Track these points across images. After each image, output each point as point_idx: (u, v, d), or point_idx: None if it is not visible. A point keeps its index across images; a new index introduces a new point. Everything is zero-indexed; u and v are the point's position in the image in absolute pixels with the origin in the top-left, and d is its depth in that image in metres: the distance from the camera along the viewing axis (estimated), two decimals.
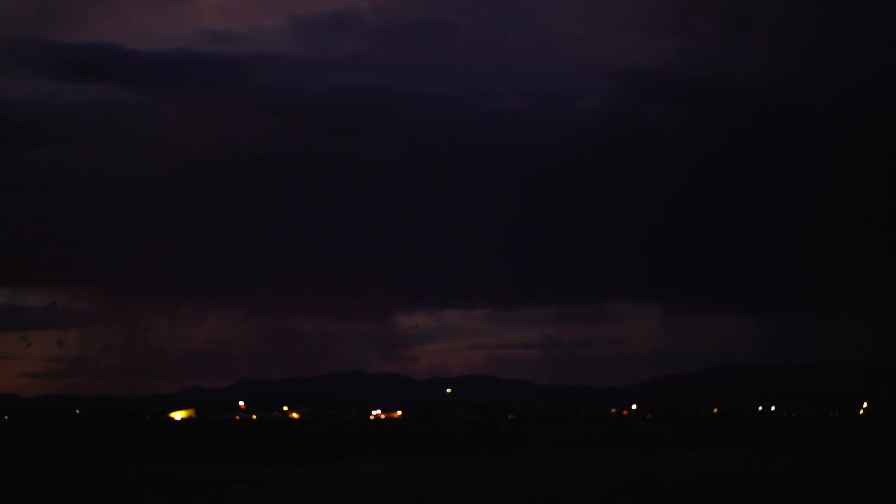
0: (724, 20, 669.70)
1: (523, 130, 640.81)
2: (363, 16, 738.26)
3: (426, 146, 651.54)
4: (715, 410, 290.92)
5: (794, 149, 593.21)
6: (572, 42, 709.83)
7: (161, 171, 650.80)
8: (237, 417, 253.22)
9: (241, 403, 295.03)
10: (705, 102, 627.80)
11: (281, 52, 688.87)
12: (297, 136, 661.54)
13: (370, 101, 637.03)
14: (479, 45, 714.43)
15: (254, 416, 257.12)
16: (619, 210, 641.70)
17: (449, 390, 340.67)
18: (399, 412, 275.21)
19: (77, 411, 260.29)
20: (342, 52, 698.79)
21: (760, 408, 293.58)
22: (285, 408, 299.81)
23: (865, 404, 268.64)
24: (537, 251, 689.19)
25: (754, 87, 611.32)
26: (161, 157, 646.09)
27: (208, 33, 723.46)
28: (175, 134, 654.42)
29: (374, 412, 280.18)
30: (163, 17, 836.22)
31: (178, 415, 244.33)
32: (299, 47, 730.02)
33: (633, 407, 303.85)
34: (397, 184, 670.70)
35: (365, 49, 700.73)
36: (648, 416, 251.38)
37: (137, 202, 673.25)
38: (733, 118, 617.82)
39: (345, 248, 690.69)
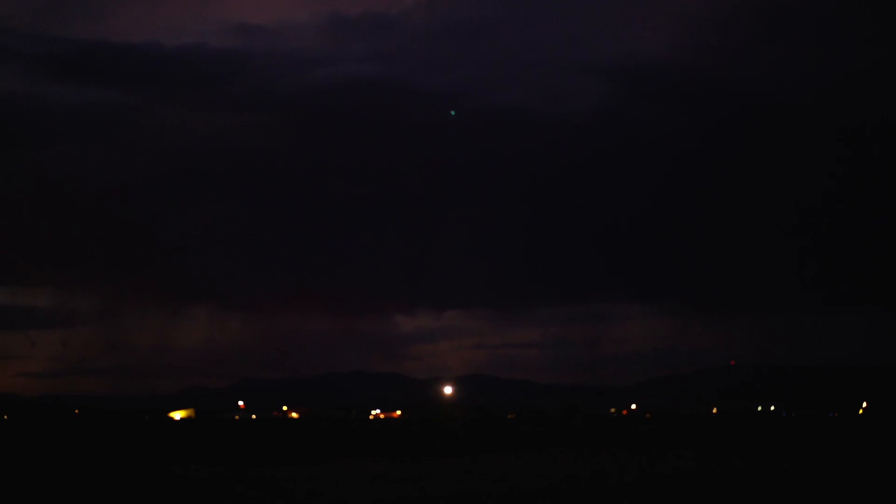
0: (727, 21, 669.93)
1: (526, 128, 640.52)
2: (397, 14, 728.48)
3: (426, 143, 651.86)
4: (714, 410, 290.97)
5: (794, 150, 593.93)
6: (575, 40, 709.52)
7: (161, 171, 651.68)
8: (237, 417, 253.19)
9: (241, 403, 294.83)
10: (710, 102, 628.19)
11: (298, 48, 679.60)
12: (295, 134, 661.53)
13: (368, 97, 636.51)
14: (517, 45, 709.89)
15: (253, 416, 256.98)
16: (621, 210, 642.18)
17: (448, 390, 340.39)
18: (399, 412, 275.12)
19: (76, 411, 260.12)
20: (355, 49, 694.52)
21: (760, 408, 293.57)
22: (285, 408, 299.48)
23: (865, 404, 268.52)
24: (537, 251, 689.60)
25: (759, 88, 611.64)
26: (161, 157, 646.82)
27: (237, 27, 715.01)
28: (173, 133, 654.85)
29: (374, 412, 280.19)
30: (195, 8, 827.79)
31: (177, 415, 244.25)
32: (323, 42, 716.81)
33: (633, 407, 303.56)
34: (396, 182, 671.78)
35: (386, 46, 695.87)
36: (648, 416, 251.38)
37: (138, 203, 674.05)
38: (736, 118, 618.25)
39: (345, 248, 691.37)
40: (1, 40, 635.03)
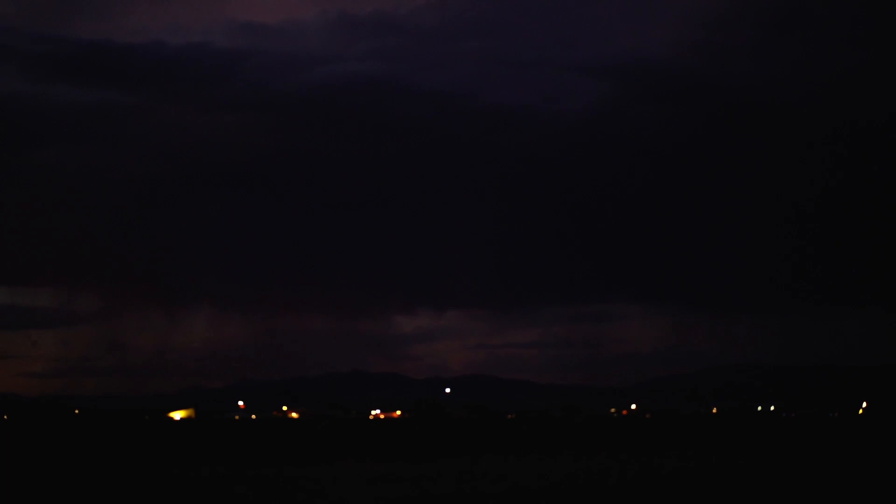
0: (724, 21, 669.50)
1: (526, 127, 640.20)
2: (404, 14, 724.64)
3: (425, 142, 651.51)
4: (714, 410, 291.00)
5: (794, 149, 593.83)
6: (575, 39, 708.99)
7: (162, 170, 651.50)
8: (237, 417, 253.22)
9: (241, 403, 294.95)
10: (709, 101, 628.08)
11: (300, 48, 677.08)
12: (293, 133, 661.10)
13: (368, 96, 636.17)
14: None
15: (253, 416, 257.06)
16: (621, 210, 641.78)
17: (448, 390, 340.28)
18: (399, 412, 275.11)
19: (76, 411, 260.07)
20: (360, 48, 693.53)
21: (760, 408, 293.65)
22: (285, 408, 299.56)
23: (865, 404, 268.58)
24: (537, 251, 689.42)
25: (758, 87, 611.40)
26: (159, 157, 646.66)
27: (242, 26, 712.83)
28: (175, 133, 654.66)
29: (373, 412, 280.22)
30: (201, 7, 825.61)
31: (177, 415, 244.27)
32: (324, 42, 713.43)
33: (633, 407, 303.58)
34: (396, 182, 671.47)
35: (389, 45, 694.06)
36: (648, 416, 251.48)
37: (138, 202, 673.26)
38: (736, 117, 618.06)
39: (344, 247, 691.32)
40: (1, 40, 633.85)
